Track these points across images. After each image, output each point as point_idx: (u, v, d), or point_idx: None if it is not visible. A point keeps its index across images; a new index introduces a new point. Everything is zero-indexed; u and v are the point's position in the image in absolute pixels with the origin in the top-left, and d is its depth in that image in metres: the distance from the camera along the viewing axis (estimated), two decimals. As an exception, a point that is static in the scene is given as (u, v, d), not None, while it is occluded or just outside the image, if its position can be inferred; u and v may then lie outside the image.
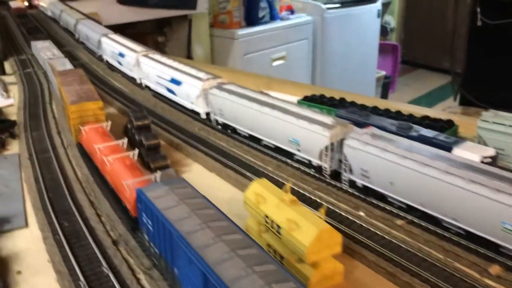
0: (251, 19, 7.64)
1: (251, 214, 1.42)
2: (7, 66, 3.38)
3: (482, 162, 1.48)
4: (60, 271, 1.33)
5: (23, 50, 3.90)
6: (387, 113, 2.04)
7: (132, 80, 2.96)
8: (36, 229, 1.55)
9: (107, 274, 1.29)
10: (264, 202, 1.37)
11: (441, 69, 11.86)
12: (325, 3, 8.64)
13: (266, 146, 1.99)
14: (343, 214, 1.54)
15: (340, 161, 1.69)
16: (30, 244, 1.49)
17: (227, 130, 2.19)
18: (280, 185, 1.66)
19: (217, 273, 0.94)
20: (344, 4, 9.26)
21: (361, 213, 1.56)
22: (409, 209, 1.48)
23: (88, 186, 1.76)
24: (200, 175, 1.90)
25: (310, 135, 1.71)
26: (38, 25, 4.16)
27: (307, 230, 1.22)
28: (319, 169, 1.74)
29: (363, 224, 1.49)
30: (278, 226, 1.29)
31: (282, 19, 8.07)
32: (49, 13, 4.95)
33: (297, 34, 8.13)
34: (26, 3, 5.37)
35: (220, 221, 1.13)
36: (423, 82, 11.30)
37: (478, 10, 4.88)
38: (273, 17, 7.92)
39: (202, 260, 0.98)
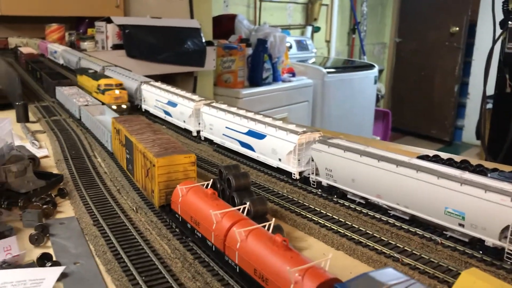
0: (255, 80, 7.72)
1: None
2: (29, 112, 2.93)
3: None
4: None
5: (40, 97, 3.48)
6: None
7: (183, 132, 2.56)
8: (142, 331, 1.09)
9: None
10: (498, 304, 0.97)
11: (429, 137, 11.97)
12: (325, 67, 8.75)
13: (394, 217, 1.61)
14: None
15: (528, 241, 1.31)
16: None
17: (333, 194, 1.79)
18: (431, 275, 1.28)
19: None
20: (343, 69, 9.41)
21: None
22: None
23: (190, 267, 1.31)
24: (326, 254, 1.46)
25: (486, 207, 1.33)
26: (58, 71, 3.75)
27: None
28: (495, 252, 1.36)
29: None
30: None
31: (284, 81, 8.15)
32: (61, 61, 4.57)
33: (298, 96, 8.22)
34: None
35: None
36: (413, 149, 11.28)
37: (507, 76, 4.78)
38: (275, 78, 8.02)
39: None
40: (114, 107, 2.67)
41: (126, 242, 1.43)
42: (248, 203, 1.37)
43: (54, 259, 1.34)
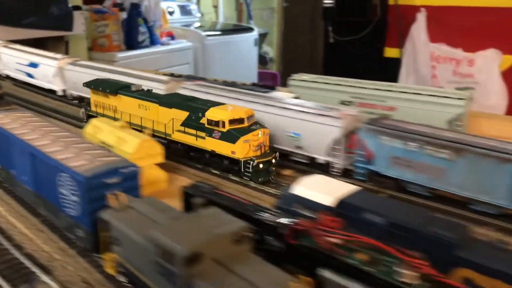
0: (131, 43, 7.85)
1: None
2: None
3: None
4: None
5: None
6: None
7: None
8: None
9: None
10: (100, 131, 1.60)
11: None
12: (205, 31, 9.03)
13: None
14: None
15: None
16: None
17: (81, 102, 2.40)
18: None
19: (44, 152, 1.14)
20: (223, 32, 9.73)
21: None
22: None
23: None
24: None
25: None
26: None
27: (131, 142, 1.47)
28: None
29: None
30: (110, 146, 1.52)
31: (162, 44, 8.30)
32: None
33: (178, 59, 8.45)
34: None
35: (63, 132, 1.33)
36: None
37: (330, 29, 5.54)
38: (153, 42, 8.19)
39: (28, 144, 1.18)
40: (261, 165, 1.57)
41: None
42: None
43: None
